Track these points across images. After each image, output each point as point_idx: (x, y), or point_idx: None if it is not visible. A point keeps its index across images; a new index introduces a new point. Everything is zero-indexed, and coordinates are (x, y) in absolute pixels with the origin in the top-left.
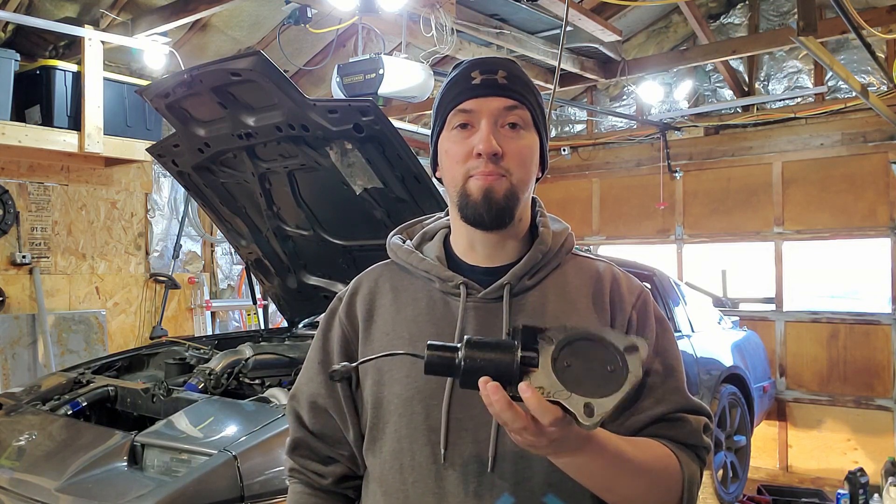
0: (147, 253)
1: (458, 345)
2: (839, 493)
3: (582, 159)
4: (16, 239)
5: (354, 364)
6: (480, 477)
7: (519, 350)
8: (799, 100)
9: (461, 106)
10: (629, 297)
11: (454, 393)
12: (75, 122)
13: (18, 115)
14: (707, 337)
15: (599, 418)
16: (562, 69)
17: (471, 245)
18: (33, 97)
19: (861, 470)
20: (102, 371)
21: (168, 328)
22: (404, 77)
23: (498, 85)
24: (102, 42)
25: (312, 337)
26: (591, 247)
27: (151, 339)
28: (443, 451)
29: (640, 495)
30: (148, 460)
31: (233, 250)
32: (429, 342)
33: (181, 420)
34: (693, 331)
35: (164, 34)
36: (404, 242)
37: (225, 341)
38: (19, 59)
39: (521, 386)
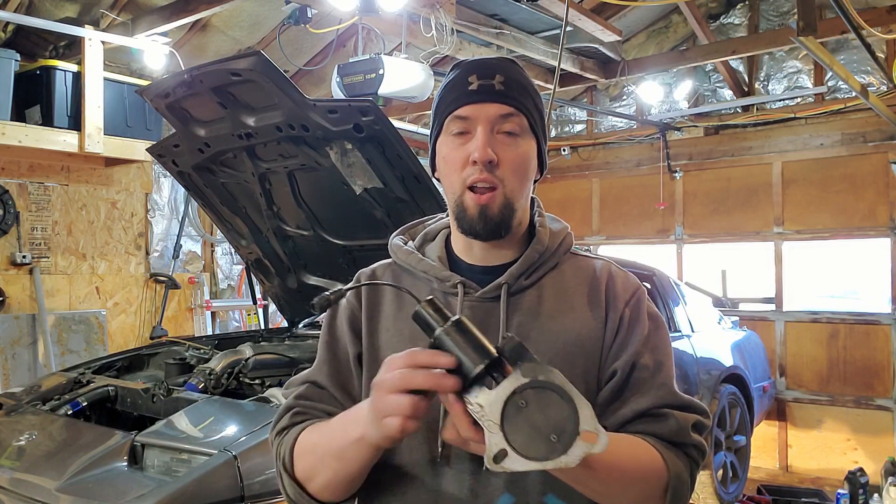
0: (147, 253)
1: (451, 317)
2: (839, 493)
3: (582, 159)
4: (16, 239)
5: (340, 290)
6: (477, 475)
7: (488, 362)
8: (799, 100)
9: (458, 112)
10: (623, 295)
11: None
12: (75, 122)
13: (18, 115)
14: (707, 337)
15: (501, 470)
16: (562, 69)
17: (469, 246)
18: (33, 97)
19: (861, 470)
20: (102, 371)
21: (168, 328)
22: (404, 77)
23: (495, 91)
24: (102, 42)
25: (312, 337)
26: (591, 247)
27: (151, 339)
28: (440, 449)
29: (617, 494)
30: (148, 460)
31: (233, 250)
32: (430, 298)
33: (181, 420)
34: (693, 331)
35: (164, 34)
36: (406, 243)
37: (225, 341)
38: (19, 59)
39: (450, 397)
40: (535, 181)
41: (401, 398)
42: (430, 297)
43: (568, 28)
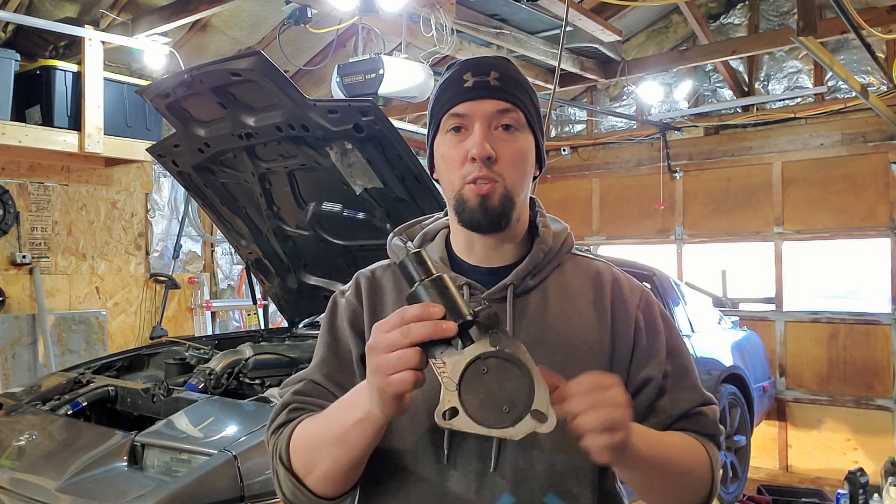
0: (147, 253)
1: (433, 274)
2: (839, 493)
3: (582, 159)
4: (16, 239)
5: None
6: (482, 476)
7: (461, 322)
8: (799, 100)
9: (454, 110)
10: (632, 298)
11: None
12: (75, 122)
13: (18, 115)
14: (707, 337)
15: (449, 427)
16: (562, 69)
17: (469, 245)
18: (33, 97)
19: (861, 470)
20: (102, 371)
21: (168, 328)
22: (404, 77)
23: (490, 87)
24: (102, 42)
25: (312, 337)
26: (591, 247)
27: (151, 339)
28: (446, 451)
29: (677, 484)
30: (148, 460)
31: (233, 250)
32: (418, 251)
33: (181, 420)
34: (693, 331)
35: (164, 34)
36: (405, 244)
37: (225, 341)
38: (19, 59)
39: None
40: (535, 178)
41: (405, 352)
42: (419, 249)
43: (568, 28)
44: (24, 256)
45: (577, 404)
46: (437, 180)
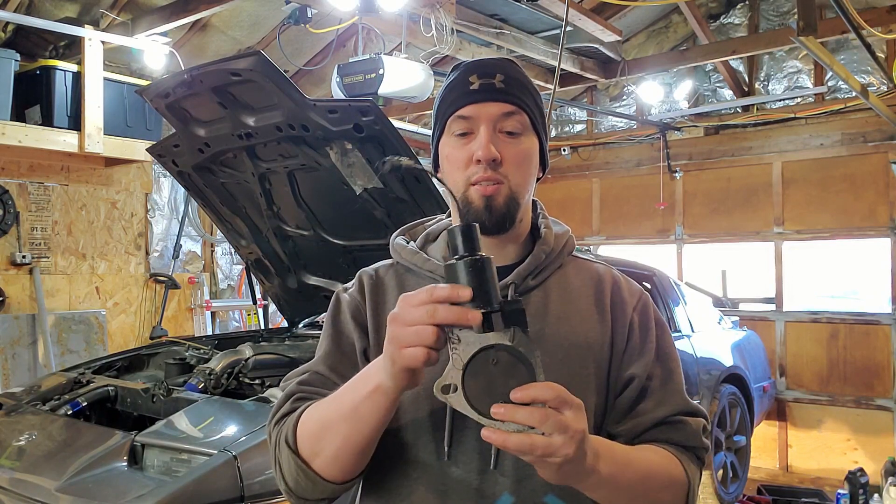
0: (147, 253)
1: (477, 252)
2: (839, 493)
3: (582, 159)
4: (16, 239)
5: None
6: (483, 474)
7: (488, 310)
8: (799, 100)
9: (460, 112)
10: (630, 300)
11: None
12: (75, 122)
13: (18, 115)
14: (707, 337)
15: (443, 400)
16: (562, 69)
17: None
18: (33, 97)
19: (861, 470)
20: (102, 371)
21: (168, 328)
22: (404, 77)
23: (496, 89)
24: (102, 42)
25: (312, 337)
26: (592, 247)
27: (151, 339)
28: (447, 448)
29: (649, 502)
30: (148, 460)
31: (233, 250)
32: (474, 224)
33: (181, 420)
34: (693, 331)
35: (164, 34)
36: (408, 243)
37: (225, 341)
38: (19, 59)
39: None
40: (538, 179)
41: (424, 328)
42: (474, 224)
43: (568, 28)
44: (24, 256)
45: (521, 417)
46: (440, 180)
